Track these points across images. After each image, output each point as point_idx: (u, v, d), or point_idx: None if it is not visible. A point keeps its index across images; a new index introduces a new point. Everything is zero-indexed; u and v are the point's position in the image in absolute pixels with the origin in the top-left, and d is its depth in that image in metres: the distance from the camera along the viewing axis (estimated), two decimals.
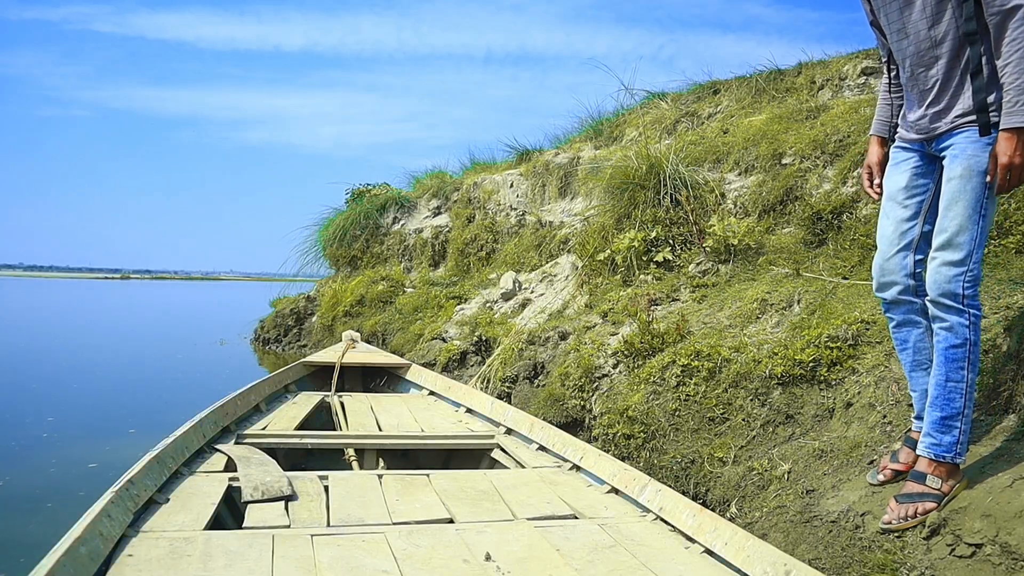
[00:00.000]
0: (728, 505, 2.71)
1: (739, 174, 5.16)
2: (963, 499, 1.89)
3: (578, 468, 2.91)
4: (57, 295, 30.27)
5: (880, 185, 2.29)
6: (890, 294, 2.17)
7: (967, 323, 1.94)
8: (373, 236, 9.22)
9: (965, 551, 1.75)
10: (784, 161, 4.80)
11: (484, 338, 5.49)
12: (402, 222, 9.20)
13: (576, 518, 2.36)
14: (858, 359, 2.86)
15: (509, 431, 3.53)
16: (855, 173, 4.26)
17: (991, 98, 1.90)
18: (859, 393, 2.70)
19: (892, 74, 2.30)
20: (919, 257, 2.12)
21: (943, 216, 1.96)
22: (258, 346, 9.50)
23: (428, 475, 2.77)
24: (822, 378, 2.88)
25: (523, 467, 3.01)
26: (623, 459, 3.33)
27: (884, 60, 2.32)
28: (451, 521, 2.29)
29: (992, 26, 1.84)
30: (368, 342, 7.17)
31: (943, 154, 2.04)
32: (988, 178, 1.87)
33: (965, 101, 1.96)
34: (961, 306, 1.93)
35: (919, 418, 2.18)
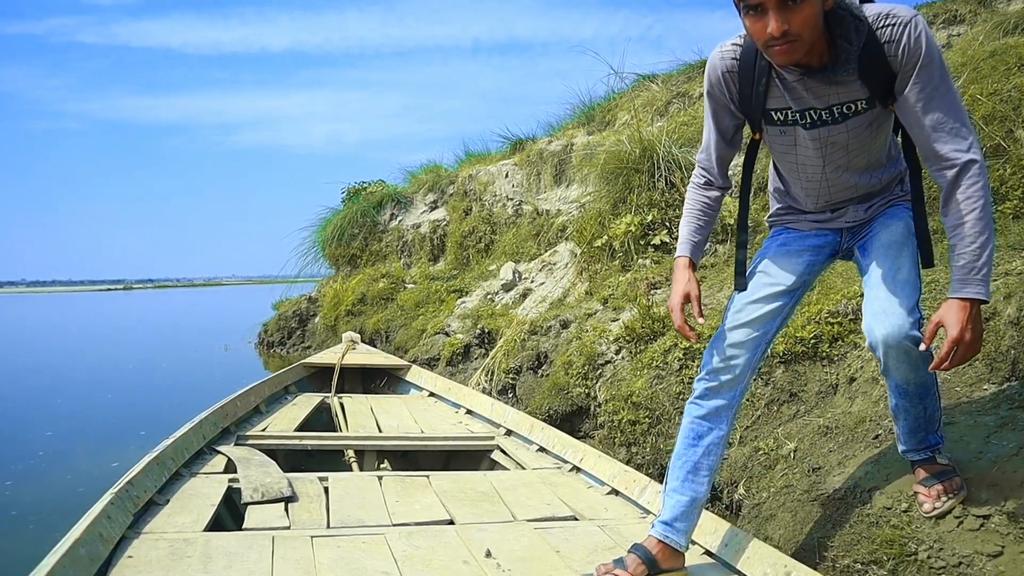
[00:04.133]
0: (735, 486, 2.71)
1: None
2: (969, 469, 1.89)
3: (578, 469, 2.90)
4: (61, 310, 30.34)
5: (692, 326, 1.99)
6: (729, 376, 1.90)
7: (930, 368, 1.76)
8: (371, 234, 9.22)
9: (973, 524, 1.74)
10: None
11: (487, 330, 5.49)
12: (399, 218, 9.19)
13: (576, 519, 2.36)
14: (859, 333, 2.85)
15: (509, 432, 3.52)
16: None
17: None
18: (861, 368, 2.69)
19: (711, 183, 1.96)
20: (773, 345, 1.93)
21: (895, 258, 1.74)
22: (263, 349, 9.52)
23: (428, 476, 2.77)
24: (824, 354, 2.87)
25: (523, 468, 3.01)
26: (630, 445, 3.34)
27: (711, 168, 1.94)
28: (451, 522, 2.28)
29: (940, 180, 1.62)
30: (372, 340, 7.18)
31: (862, 228, 1.89)
32: (923, 346, 1.61)
33: (895, 190, 1.86)
34: (927, 351, 1.69)
35: (668, 523, 1.90)
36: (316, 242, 9.88)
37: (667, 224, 4.81)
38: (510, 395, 4.47)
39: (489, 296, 6.36)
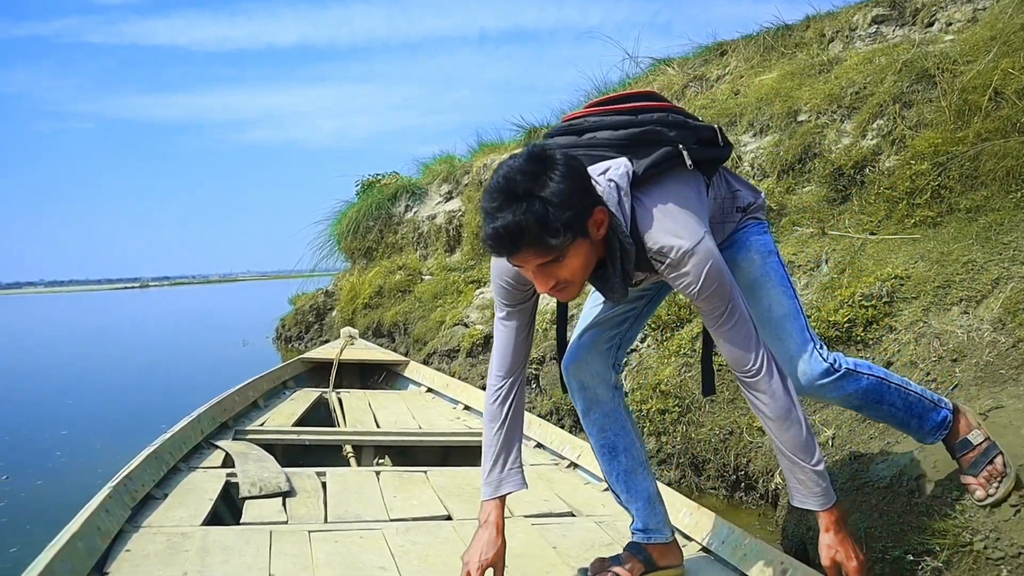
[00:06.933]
0: (771, 476, 2.66)
1: (754, 135, 5.04)
2: (1021, 456, 1.81)
3: (575, 465, 2.87)
4: (80, 309, 30.62)
5: None
6: (593, 378, 1.80)
7: (864, 376, 1.68)
8: (386, 226, 9.18)
9: None
10: (800, 118, 4.67)
11: None
12: (414, 210, 9.15)
13: (573, 515, 2.33)
14: (895, 316, 2.78)
15: None
16: (875, 125, 4.14)
17: None
18: (899, 351, 2.62)
19: (514, 383, 1.71)
20: (630, 349, 1.88)
21: (761, 297, 1.66)
22: (280, 344, 9.53)
23: (426, 472, 2.76)
24: (859, 338, 2.80)
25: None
26: (659, 435, 3.29)
27: (513, 371, 1.70)
28: (448, 518, 2.28)
29: (744, 385, 1.58)
30: (391, 333, 7.16)
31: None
32: None
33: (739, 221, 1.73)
34: (842, 371, 1.65)
35: (641, 530, 1.84)
36: (331, 236, 9.86)
37: None
38: (533, 385, 4.43)
39: None
